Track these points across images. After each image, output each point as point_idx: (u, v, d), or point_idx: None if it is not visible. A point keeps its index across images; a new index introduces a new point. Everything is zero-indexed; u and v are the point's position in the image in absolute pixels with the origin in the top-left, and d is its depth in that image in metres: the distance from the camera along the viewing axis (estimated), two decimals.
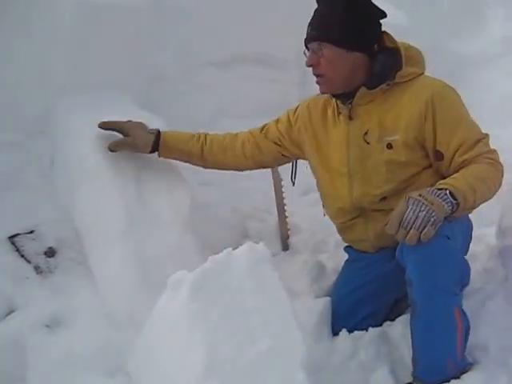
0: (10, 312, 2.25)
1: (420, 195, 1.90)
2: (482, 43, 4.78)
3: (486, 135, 2.15)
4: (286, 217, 2.85)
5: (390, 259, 2.20)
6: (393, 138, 2.14)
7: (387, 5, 4.16)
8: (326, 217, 2.46)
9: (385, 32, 2.22)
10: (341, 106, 2.23)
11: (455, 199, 1.92)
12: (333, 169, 2.29)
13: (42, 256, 2.48)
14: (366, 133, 2.18)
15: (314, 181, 3.02)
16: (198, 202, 2.65)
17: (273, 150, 2.46)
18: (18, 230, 2.54)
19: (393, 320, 2.22)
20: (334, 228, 2.47)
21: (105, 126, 2.46)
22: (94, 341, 2.12)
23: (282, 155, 2.48)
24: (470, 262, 2.09)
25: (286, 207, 2.85)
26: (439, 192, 1.92)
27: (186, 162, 2.56)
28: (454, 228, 2.01)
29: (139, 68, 3.07)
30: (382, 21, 2.22)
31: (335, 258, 2.62)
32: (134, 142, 2.44)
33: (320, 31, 2.15)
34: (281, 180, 2.79)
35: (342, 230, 2.42)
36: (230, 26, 3.49)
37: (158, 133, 2.47)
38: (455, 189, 1.93)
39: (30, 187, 2.74)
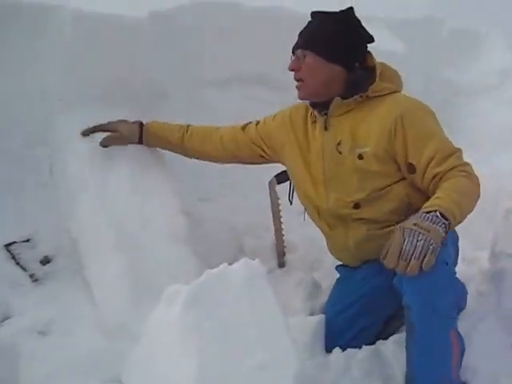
0: (5, 319, 2.27)
1: (414, 224, 1.89)
2: (479, 73, 4.67)
3: (459, 149, 2.16)
4: (283, 234, 2.88)
5: (378, 273, 2.21)
6: (364, 149, 2.19)
7: (384, 31, 4.22)
8: (322, 237, 2.47)
9: (368, 52, 2.31)
10: (317, 116, 2.31)
11: (446, 219, 1.92)
12: (313, 175, 2.35)
13: (38, 264, 2.51)
14: (338, 143, 2.25)
15: None
16: (194, 218, 2.68)
17: (250, 149, 2.56)
18: (15, 238, 2.57)
19: (386, 339, 2.22)
20: None
21: (88, 131, 2.64)
22: (86, 349, 2.13)
23: (259, 155, 2.56)
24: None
25: (282, 225, 2.87)
26: (430, 216, 1.91)
27: (168, 149, 2.71)
28: (448, 246, 2.01)
29: (139, 83, 3.06)
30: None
31: (331, 276, 2.59)
32: (122, 135, 2.63)
33: (306, 40, 2.30)
34: (278, 198, 2.82)
35: (325, 236, 2.45)
36: (231, 45, 3.51)
37: (141, 123, 2.66)
38: (444, 209, 1.93)
39: (27, 196, 2.75)
